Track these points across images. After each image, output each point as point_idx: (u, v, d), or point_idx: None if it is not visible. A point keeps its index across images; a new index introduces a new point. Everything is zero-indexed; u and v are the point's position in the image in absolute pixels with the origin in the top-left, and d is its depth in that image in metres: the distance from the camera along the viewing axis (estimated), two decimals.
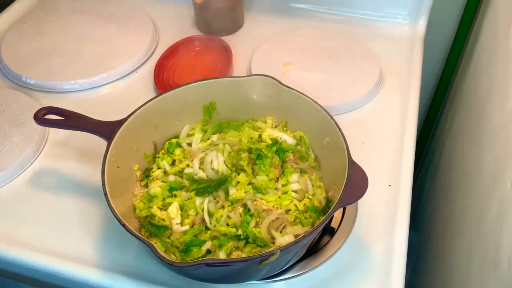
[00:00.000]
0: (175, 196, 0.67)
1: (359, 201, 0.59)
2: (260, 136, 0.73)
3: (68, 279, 0.64)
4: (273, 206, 0.65)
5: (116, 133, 0.64)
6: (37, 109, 0.69)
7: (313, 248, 0.66)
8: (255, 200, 0.65)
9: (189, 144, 0.73)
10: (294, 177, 0.68)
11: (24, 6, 1.09)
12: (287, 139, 0.72)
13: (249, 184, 0.67)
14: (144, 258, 0.65)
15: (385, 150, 0.79)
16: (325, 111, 0.67)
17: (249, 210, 0.64)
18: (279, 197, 0.66)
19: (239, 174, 0.68)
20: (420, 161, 1.36)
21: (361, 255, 0.66)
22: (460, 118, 1.02)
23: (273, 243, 0.61)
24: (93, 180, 0.74)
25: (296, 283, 0.63)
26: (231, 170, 0.69)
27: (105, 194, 0.57)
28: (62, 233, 0.69)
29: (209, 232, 0.63)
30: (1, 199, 0.73)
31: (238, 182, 0.66)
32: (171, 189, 0.67)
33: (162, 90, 0.82)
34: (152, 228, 0.63)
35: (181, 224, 0.64)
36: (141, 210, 0.65)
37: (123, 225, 0.54)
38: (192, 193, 0.66)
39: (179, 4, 1.09)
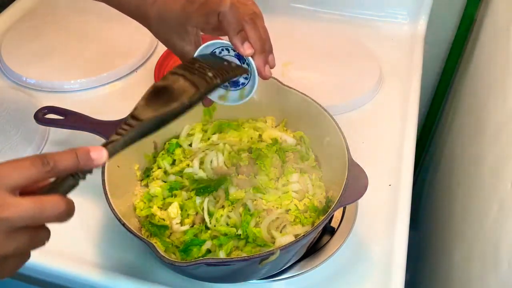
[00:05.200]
0: (175, 195, 0.67)
1: (359, 200, 0.59)
2: (260, 136, 0.73)
3: (68, 278, 0.64)
4: (273, 206, 0.65)
5: None
6: (37, 109, 0.69)
7: (313, 248, 0.66)
8: (255, 200, 0.65)
9: (189, 144, 0.73)
10: (294, 177, 0.68)
11: (24, 6, 1.09)
12: (287, 139, 0.72)
13: None
14: (144, 257, 0.65)
15: (385, 150, 0.79)
16: (325, 111, 0.67)
17: (249, 209, 0.64)
18: (279, 197, 0.66)
19: (239, 174, 0.68)
20: (420, 161, 1.36)
21: (361, 255, 0.66)
22: (460, 118, 1.02)
23: (273, 242, 0.61)
24: (93, 179, 0.74)
25: (296, 283, 0.63)
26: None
27: (105, 194, 0.57)
28: (62, 232, 0.68)
29: (209, 231, 0.63)
30: None
31: None
32: (171, 188, 0.67)
33: None
34: (152, 228, 0.63)
35: (181, 223, 0.64)
36: (141, 210, 0.65)
37: (123, 225, 0.54)
38: (192, 193, 0.66)
39: None
